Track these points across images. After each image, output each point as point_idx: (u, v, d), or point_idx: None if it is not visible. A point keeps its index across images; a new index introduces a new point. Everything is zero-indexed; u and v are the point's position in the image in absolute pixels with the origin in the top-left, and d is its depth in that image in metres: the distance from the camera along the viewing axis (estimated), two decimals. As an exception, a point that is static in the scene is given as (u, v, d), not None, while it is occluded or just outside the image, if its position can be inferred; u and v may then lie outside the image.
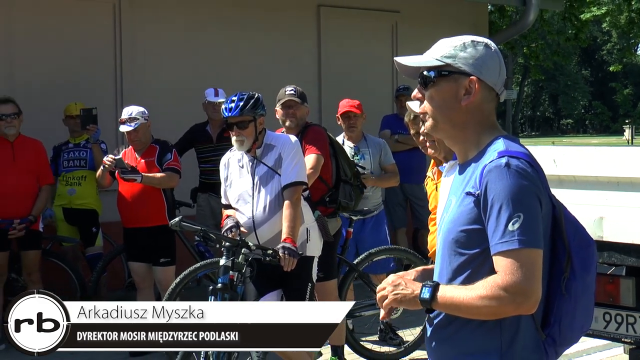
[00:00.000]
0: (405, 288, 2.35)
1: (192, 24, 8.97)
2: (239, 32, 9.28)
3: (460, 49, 2.33)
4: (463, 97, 2.31)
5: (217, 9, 9.14)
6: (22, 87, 7.76)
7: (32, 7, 8.01)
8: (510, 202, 2.17)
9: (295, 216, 4.72)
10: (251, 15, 9.38)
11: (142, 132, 6.40)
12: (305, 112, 5.63)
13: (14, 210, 6.56)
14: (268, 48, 9.47)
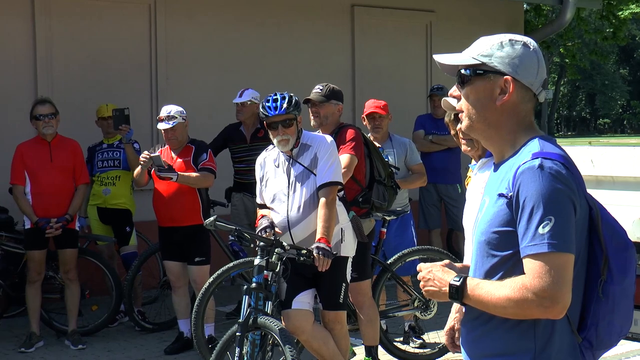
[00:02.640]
0: (434, 284, 2.34)
1: (226, 25, 9.02)
2: (273, 32, 9.31)
3: (497, 48, 2.30)
4: (498, 97, 2.28)
5: (251, 9, 9.18)
6: (59, 88, 7.87)
7: (69, 10, 8.10)
8: (542, 205, 2.14)
9: (330, 216, 4.73)
10: (285, 15, 9.40)
11: (179, 131, 6.44)
12: (332, 110, 5.56)
13: (51, 209, 6.62)
14: (302, 48, 9.49)
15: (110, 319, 7.11)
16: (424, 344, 6.50)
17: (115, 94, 7.99)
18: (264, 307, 4.63)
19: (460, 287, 2.26)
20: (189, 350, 6.41)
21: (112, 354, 6.55)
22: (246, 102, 7.36)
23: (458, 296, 2.26)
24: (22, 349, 6.52)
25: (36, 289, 6.68)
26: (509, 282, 2.18)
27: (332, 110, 5.56)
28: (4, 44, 7.80)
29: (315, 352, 5.06)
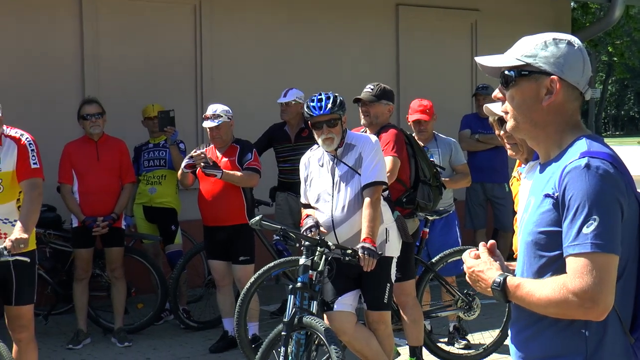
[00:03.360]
0: (480, 286, 2.36)
1: (271, 25, 9.06)
2: (318, 32, 9.33)
3: (542, 48, 2.28)
4: (544, 97, 2.26)
5: (295, 9, 9.21)
6: (106, 88, 7.97)
7: (116, 11, 8.21)
8: (587, 205, 2.12)
9: (375, 216, 4.72)
10: (329, 15, 9.42)
11: (224, 130, 6.48)
12: (382, 110, 5.57)
13: (97, 208, 6.70)
14: (346, 48, 9.50)
15: (155, 317, 7.19)
16: (468, 345, 6.47)
17: (161, 94, 8.08)
18: (309, 306, 4.64)
19: (502, 288, 2.26)
20: (233, 349, 6.44)
21: (158, 351, 6.62)
22: (290, 101, 7.38)
23: (501, 296, 2.27)
24: (70, 345, 6.62)
25: (83, 286, 6.78)
26: (551, 281, 2.17)
27: (382, 110, 5.58)
28: (52, 45, 7.93)
29: (358, 353, 5.06)
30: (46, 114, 7.65)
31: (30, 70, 7.77)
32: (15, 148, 4.68)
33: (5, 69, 7.58)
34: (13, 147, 4.68)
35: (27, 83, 7.68)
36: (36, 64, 7.81)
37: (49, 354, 6.32)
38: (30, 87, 7.69)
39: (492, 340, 6.22)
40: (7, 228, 4.69)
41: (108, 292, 7.01)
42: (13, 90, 6.76)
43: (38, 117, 7.32)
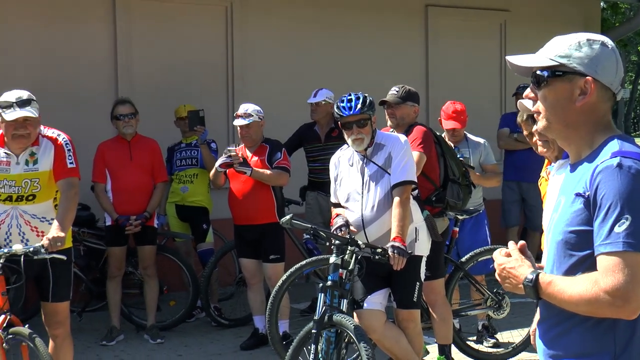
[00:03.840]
0: (510, 282, 2.35)
1: (301, 26, 9.13)
2: (347, 32, 9.38)
3: (575, 48, 2.28)
4: (578, 98, 2.27)
5: (325, 10, 9.27)
6: (139, 89, 8.07)
7: (149, 13, 8.32)
8: (619, 204, 2.12)
9: (405, 215, 4.77)
10: (359, 16, 9.47)
11: (254, 129, 6.55)
12: (408, 112, 5.62)
13: (130, 206, 6.81)
14: (376, 48, 9.54)
15: (187, 314, 7.27)
16: (497, 343, 6.50)
17: (193, 94, 8.18)
18: (339, 305, 4.68)
19: (534, 285, 2.27)
20: (264, 346, 6.52)
21: (189, 348, 6.71)
22: (320, 102, 7.44)
23: (533, 293, 2.27)
24: (104, 342, 6.73)
25: (116, 284, 6.89)
26: (583, 279, 2.17)
27: (408, 112, 5.62)
28: (86, 47, 8.05)
29: (388, 350, 5.11)
30: (80, 114, 7.75)
31: (65, 72, 7.90)
32: (52, 148, 4.76)
33: (41, 71, 7.70)
34: (50, 147, 4.76)
35: (62, 85, 7.80)
36: (71, 66, 7.94)
37: (83, 350, 6.43)
38: (65, 88, 7.81)
39: (521, 339, 6.24)
40: (44, 226, 4.79)
41: (141, 289, 7.11)
42: (49, 91, 6.88)
43: (72, 118, 7.41)
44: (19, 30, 7.74)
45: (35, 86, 5.04)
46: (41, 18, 7.83)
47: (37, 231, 4.81)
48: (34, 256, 4.44)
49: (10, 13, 7.72)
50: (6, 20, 7.70)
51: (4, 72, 7.40)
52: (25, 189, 4.75)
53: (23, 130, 4.64)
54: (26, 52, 7.73)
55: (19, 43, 7.72)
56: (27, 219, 4.79)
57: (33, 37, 7.79)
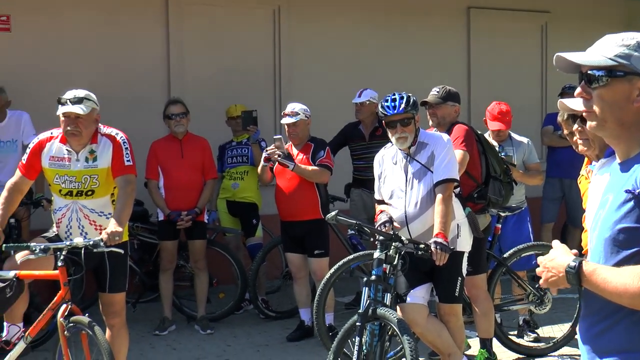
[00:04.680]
0: (552, 273, 2.34)
1: (346, 28, 9.25)
2: (391, 34, 9.48)
3: (635, 49, 2.25)
4: (636, 98, 2.26)
5: (369, 12, 9.39)
6: (190, 90, 8.27)
7: (200, 15, 8.52)
8: None
9: (447, 212, 4.86)
10: (402, 17, 9.56)
11: (301, 128, 6.71)
12: (449, 111, 5.71)
13: (181, 202, 7.00)
14: (419, 49, 9.62)
15: (236, 306, 7.43)
16: (538, 338, 6.56)
17: (242, 94, 8.32)
18: (382, 298, 4.75)
19: (577, 271, 2.25)
20: (309, 338, 6.66)
21: (238, 339, 6.90)
22: (365, 101, 7.56)
23: (575, 280, 2.25)
24: (157, 331, 6.94)
25: (168, 276, 7.09)
26: (628, 271, 2.15)
27: (448, 112, 5.72)
28: (140, 49, 8.28)
29: (430, 343, 5.20)
30: (135, 114, 7.96)
31: (121, 75, 8.13)
32: (110, 146, 4.90)
33: (99, 74, 7.92)
34: (109, 145, 4.90)
35: (118, 86, 8.01)
36: (126, 68, 8.18)
37: (137, 339, 6.61)
38: (121, 89, 8.03)
39: (563, 334, 6.28)
40: (102, 220, 4.95)
41: (191, 282, 7.29)
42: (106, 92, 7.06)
43: (128, 117, 7.59)
44: (79, 35, 8.00)
45: (93, 88, 5.22)
46: (98, 23, 8.07)
47: (96, 225, 4.95)
48: (94, 249, 4.57)
49: (70, 19, 7.98)
50: (67, 27, 7.97)
51: (65, 74, 7.65)
52: (84, 184, 4.89)
53: (73, 127, 4.78)
54: (85, 56, 7.99)
55: (79, 48, 7.99)
56: (86, 213, 4.94)
57: (91, 41, 8.04)
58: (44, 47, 7.87)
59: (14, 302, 4.79)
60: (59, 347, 4.64)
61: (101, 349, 4.52)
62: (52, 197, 5.09)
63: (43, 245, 4.64)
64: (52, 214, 5.12)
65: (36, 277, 4.87)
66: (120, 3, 8.22)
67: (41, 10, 7.87)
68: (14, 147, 7.14)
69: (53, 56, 7.89)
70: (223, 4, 8.64)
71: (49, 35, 7.91)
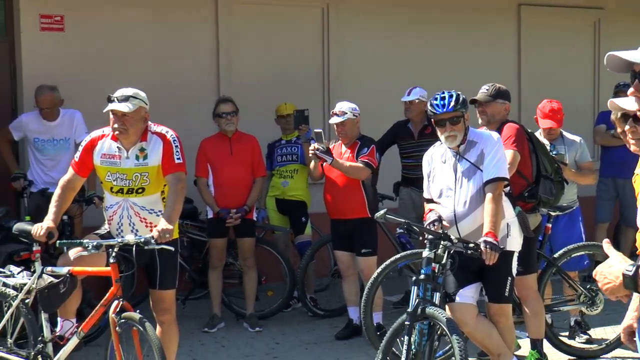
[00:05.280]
0: (609, 280, 2.34)
1: (395, 26, 9.24)
2: (440, 32, 9.44)
3: None
4: None
5: (419, 9, 9.35)
6: (240, 88, 8.31)
7: (249, 14, 8.59)
8: None
9: (497, 211, 4.82)
10: (452, 15, 9.51)
11: (349, 127, 6.71)
12: (499, 109, 5.66)
13: (230, 200, 7.05)
14: (468, 47, 9.57)
15: (284, 304, 7.47)
16: (590, 339, 6.47)
17: (291, 93, 8.36)
18: (431, 298, 4.73)
19: (634, 276, 2.23)
20: (357, 336, 6.65)
21: (287, 337, 6.93)
22: (414, 100, 7.54)
23: (632, 285, 2.24)
24: (206, 328, 7.01)
25: (218, 274, 7.15)
26: None
27: (498, 109, 5.67)
28: (190, 48, 8.38)
29: (479, 343, 5.17)
30: (185, 112, 8.05)
31: (171, 72, 8.23)
32: (160, 144, 4.93)
33: (149, 71, 8.03)
34: (159, 143, 4.94)
35: (168, 84, 8.10)
36: (176, 66, 8.27)
37: (187, 335, 6.67)
38: (171, 87, 8.13)
39: (615, 336, 6.18)
40: (152, 218, 4.98)
41: (240, 279, 7.35)
42: (155, 90, 7.15)
43: (177, 115, 7.70)
44: (130, 34, 8.13)
45: (143, 86, 5.28)
46: (149, 23, 8.19)
47: (146, 222, 4.99)
48: (145, 246, 4.61)
49: (121, 19, 8.10)
50: (118, 26, 8.09)
51: (117, 73, 7.75)
52: (135, 182, 4.94)
53: (120, 125, 4.83)
54: (136, 55, 8.11)
55: (130, 47, 8.11)
56: (136, 211, 4.98)
57: (142, 40, 8.16)
58: (96, 46, 8.00)
59: (68, 297, 4.88)
60: (111, 343, 4.70)
61: (152, 345, 4.57)
62: (104, 194, 5.16)
63: (95, 242, 4.71)
64: (103, 211, 5.19)
65: (89, 273, 4.94)
66: (171, 2, 8.32)
67: (93, 10, 8.00)
68: (66, 145, 7.27)
69: (104, 55, 8.01)
70: (272, 2, 8.69)
71: (101, 35, 8.03)
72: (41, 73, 7.53)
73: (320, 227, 7.97)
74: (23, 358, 4.97)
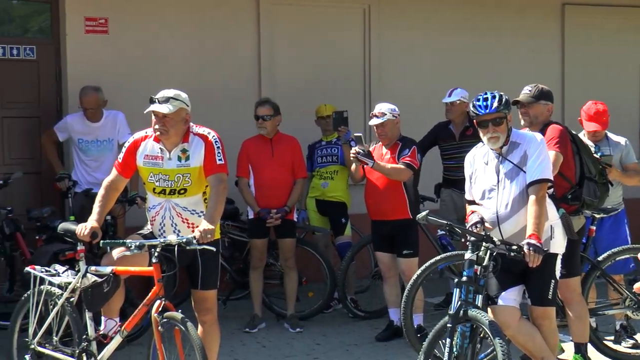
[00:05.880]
0: None
1: (436, 26, 9.21)
2: (482, 32, 9.39)
3: None
4: None
5: (461, 10, 9.31)
6: (281, 90, 8.38)
7: (290, 16, 8.65)
8: None
9: (541, 213, 4.76)
10: (495, 15, 9.46)
11: (389, 128, 6.70)
12: (541, 110, 5.61)
13: (271, 200, 7.09)
14: (511, 47, 9.51)
15: (324, 305, 7.48)
16: (636, 344, 6.38)
17: (332, 94, 8.39)
18: (474, 300, 4.70)
19: None
20: (398, 338, 6.63)
21: (327, 338, 6.94)
22: (455, 101, 7.51)
23: None
24: (247, 329, 7.05)
25: (258, 274, 7.18)
26: None
27: (541, 110, 5.62)
28: (232, 49, 8.44)
29: (522, 347, 5.12)
30: (226, 113, 8.11)
31: (213, 74, 8.30)
32: (202, 145, 4.95)
33: (190, 73, 8.12)
34: (201, 144, 4.96)
35: (209, 85, 8.19)
36: (218, 68, 8.34)
37: (228, 335, 6.71)
38: (212, 89, 8.21)
39: (663, 341, 6.13)
40: (194, 218, 5.01)
41: (281, 280, 7.37)
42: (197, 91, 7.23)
43: (219, 116, 7.75)
44: (172, 36, 8.23)
45: (185, 88, 5.33)
46: (191, 24, 8.29)
47: (188, 223, 5.02)
48: (187, 246, 4.63)
49: (164, 21, 8.22)
50: (160, 28, 8.20)
51: (159, 74, 7.87)
52: (177, 183, 4.96)
53: (161, 126, 4.87)
54: (178, 56, 8.21)
55: (173, 48, 8.22)
56: (178, 211, 5.01)
57: (184, 42, 8.26)
58: (139, 49, 8.10)
59: (111, 296, 4.93)
60: (153, 342, 4.74)
61: (193, 345, 4.60)
62: (147, 195, 5.20)
63: (138, 242, 4.74)
64: (146, 211, 5.23)
65: (132, 273, 4.98)
66: (213, 4, 8.38)
67: (136, 12, 8.10)
68: (110, 146, 7.36)
69: (147, 56, 8.11)
70: (313, 3, 8.72)
71: (143, 37, 8.12)
72: (85, 75, 7.64)
73: (360, 228, 7.97)
74: (68, 355, 5.04)
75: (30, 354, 5.22)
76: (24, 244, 6.96)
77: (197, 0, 8.35)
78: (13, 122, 7.87)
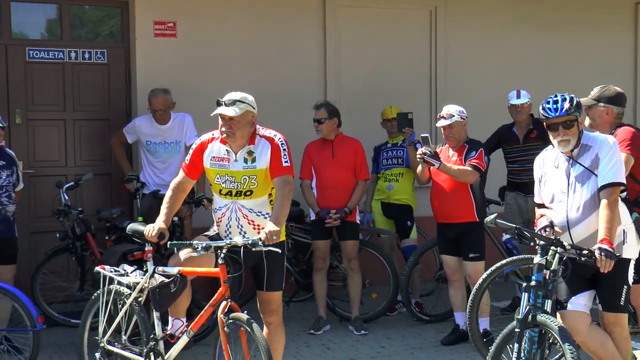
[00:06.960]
0: None
1: (503, 26, 9.13)
2: (551, 33, 9.27)
3: None
4: None
5: (528, 10, 9.22)
6: (347, 92, 8.41)
7: (356, 18, 8.66)
8: None
9: (613, 217, 4.67)
10: (564, 15, 9.33)
11: (457, 129, 6.64)
12: (599, 113, 5.54)
13: (332, 202, 7.11)
14: (582, 48, 9.37)
15: (388, 307, 7.45)
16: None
17: (398, 96, 8.36)
18: (543, 305, 4.64)
19: None
20: (464, 342, 6.59)
21: (392, 341, 6.91)
22: (524, 103, 7.42)
23: None
24: (311, 330, 7.07)
25: (322, 276, 7.19)
26: None
27: (599, 113, 5.56)
28: (297, 52, 8.48)
29: (593, 353, 5.02)
30: (292, 115, 8.15)
31: (279, 76, 8.36)
32: (269, 147, 4.98)
33: (257, 75, 8.18)
34: (267, 146, 4.99)
35: (276, 88, 8.25)
36: (284, 70, 8.40)
37: (293, 337, 6.76)
38: (279, 91, 8.26)
39: None
40: (260, 220, 5.04)
41: (344, 282, 7.38)
42: (264, 94, 7.32)
43: (285, 119, 7.79)
44: (239, 39, 8.29)
45: (252, 90, 5.36)
46: (257, 27, 8.34)
47: (254, 224, 5.05)
48: (252, 248, 4.66)
49: (230, 24, 8.29)
50: (227, 31, 8.28)
51: (226, 77, 7.96)
52: (243, 184, 5.00)
53: (227, 128, 4.91)
54: (244, 59, 8.27)
55: (239, 51, 8.28)
56: (245, 213, 5.04)
57: (250, 44, 8.32)
58: (206, 51, 8.19)
59: (178, 297, 4.99)
60: (219, 342, 4.78)
61: (259, 346, 4.62)
62: (213, 196, 5.25)
63: (205, 244, 4.79)
64: (212, 213, 5.28)
65: (198, 274, 5.04)
66: (278, 6, 8.44)
67: (203, 15, 8.19)
68: (177, 148, 7.46)
69: (214, 59, 8.19)
70: (379, 5, 8.71)
71: (210, 39, 8.22)
72: (154, 77, 7.76)
73: (426, 231, 7.93)
74: (136, 354, 5.12)
75: (100, 352, 5.32)
76: (94, 244, 7.11)
77: (263, 4, 8.40)
78: (84, 125, 8.05)
